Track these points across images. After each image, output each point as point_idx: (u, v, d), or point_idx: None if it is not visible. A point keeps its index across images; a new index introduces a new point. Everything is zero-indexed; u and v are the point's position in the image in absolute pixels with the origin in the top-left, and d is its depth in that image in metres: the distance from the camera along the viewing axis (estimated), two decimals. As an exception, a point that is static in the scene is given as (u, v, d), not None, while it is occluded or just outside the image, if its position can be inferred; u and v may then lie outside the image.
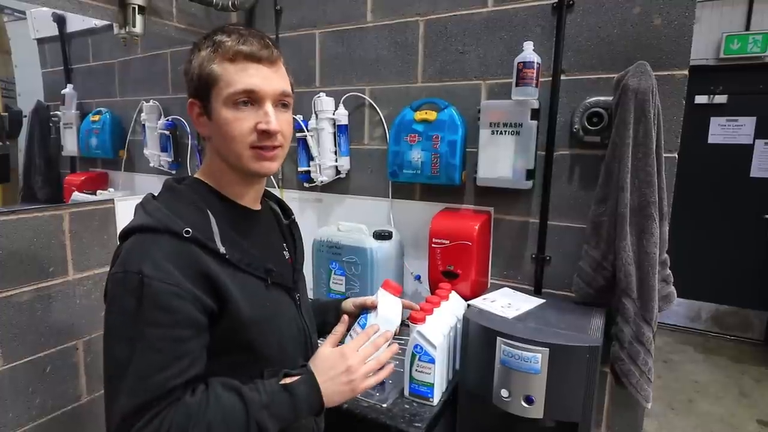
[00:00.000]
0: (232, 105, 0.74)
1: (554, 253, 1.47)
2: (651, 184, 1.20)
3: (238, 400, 0.69)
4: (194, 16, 1.76)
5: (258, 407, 0.70)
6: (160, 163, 1.79)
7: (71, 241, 1.39)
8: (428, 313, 1.24)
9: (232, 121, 0.74)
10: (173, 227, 0.70)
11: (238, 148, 0.76)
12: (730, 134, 3.75)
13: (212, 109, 0.75)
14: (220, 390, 0.70)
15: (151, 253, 0.68)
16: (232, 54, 0.73)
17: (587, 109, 1.34)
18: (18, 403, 1.30)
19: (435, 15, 1.56)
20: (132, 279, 0.66)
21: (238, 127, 0.74)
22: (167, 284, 0.66)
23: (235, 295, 0.73)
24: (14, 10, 1.34)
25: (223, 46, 0.74)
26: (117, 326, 0.67)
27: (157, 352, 0.66)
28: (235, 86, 0.73)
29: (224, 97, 0.74)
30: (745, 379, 3.30)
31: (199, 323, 0.69)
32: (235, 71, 0.74)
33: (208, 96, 0.75)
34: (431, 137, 1.52)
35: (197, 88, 0.76)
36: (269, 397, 0.72)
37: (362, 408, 1.19)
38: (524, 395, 1.14)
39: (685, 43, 1.24)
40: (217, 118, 0.75)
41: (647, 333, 1.23)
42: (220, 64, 0.74)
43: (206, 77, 0.74)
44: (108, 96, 1.64)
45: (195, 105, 0.78)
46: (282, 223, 0.97)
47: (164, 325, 0.66)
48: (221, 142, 0.77)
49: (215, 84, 0.74)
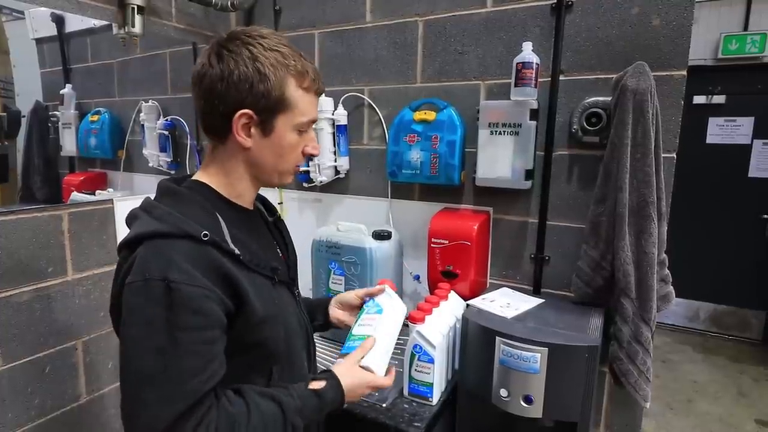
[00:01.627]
0: (298, 131, 0.80)
1: (553, 253, 1.48)
2: (649, 184, 1.20)
3: (275, 406, 0.73)
4: (193, 16, 1.76)
5: (293, 411, 0.75)
6: (159, 163, 1.79)
7: (70, 242, 1.39)
8: (427, 313, 1.24)
9: (295, 146, 0.81)
10: (191, 231, 0.69)
11: (287, 167, 0.83)
12: (728, 134, 3.75)
13: (274, 129, 0.78)
14: (258, 398, 0.73)
15: (173, 258, 0.67)
16: (307, 85, 0.79)
17: (586, 109, 1.34)
18: (17, 403, 1.30)
19: (434, 15, 1.57)
20: (155, 287, 0.65)
21: (297, 150, 0.82)
22: (196, 287, 0.66)
23: (251, 295, 0.73)
24: (13, 10, 1.33)
25: (302, 76, 0.78)
26: (141, 337, 0.66)
27: (192, 356, 0.66)
28: (308, 117, 0.80)
29: (295, 123, 0.79)
30: (743, 379, 3.31)
31: (224, 324, 0.71)
32: (309, 102, 0.80)
33: (274, 116, 0.77)
34: (430, 137, 1.52)
35: (266, 104, 0.75)
36: (302, 402, 0.77)
37: (362, 407, 1.19)
38: (523, 395, 1.14)
39: (684, 44, 1.24)
40: (280, 138, 0.79)
41: (646, 333, 1.23)
42: (296, 91, 0.78)
43: (283, 101, 0.76)
44: (107, 96, 1.64)
45: (247, 116, 0.75)
46: (268, 222, 0.97)
47: (198, 328, 0.66)
48: (272, 158, 0.80)
49: (288, 108, 0.77)
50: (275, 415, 0.72)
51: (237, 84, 0.73)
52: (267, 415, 0.71)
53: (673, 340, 3.88)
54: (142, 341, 0.66)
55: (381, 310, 0.98)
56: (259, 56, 0.74)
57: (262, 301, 0.75)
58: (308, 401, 0.77)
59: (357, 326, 0.98)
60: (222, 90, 0.74)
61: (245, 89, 0.73)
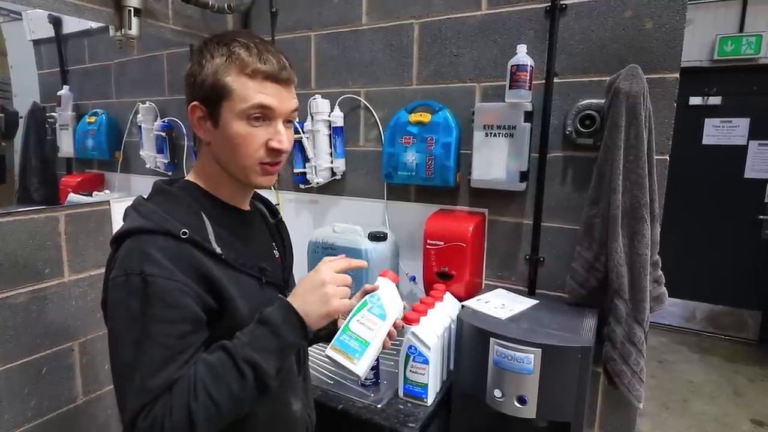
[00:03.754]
0: (246, 119, 0.75)
1: (548, 254, 1.49)
2: (642, 186, 1.21)
3: (220, 353, 0.70)
4: (190, 18, 1.76)
5: (240, 347, 0.69)
6: (156, 164, 1.79)
7: (67, 243, 1.40)
8: (422, 314, 1.25)
9: (245, 135, 0.76)
10: (170, 228, 0.71)
11: (247, 162, 0.78)
12: (724, 135, 3.77)
13: (221, 118, 0.76)
14: (204, 355, 0.70)
15: (151, 253, 0.68)
16: (250, 70, 0.74)
17: (580, 111, 1.35)
18: (14, 404, 1.30)
19: (429, 18, 1.57)
20: (134, 280, 0.67)
21: (250, 142, 0.76)
22: (172, 281, 0.68)
23: (233, 294, 0.74)
24: (10, 11, 1.34)
25: (242, 60, 0.74)
26: (122, 330, 0.68)
27: (163, 347, 0.66)
28: (251, 101, 0.75)
29: (238, 111, 0.75)
30: (739, 379, 3.32)
31: (200, 319, 0.71)
32: (252, 87, 0.75)
33: (218, 105, 0.76)
34: (426, 139, 1.53)
35: (206, 94, 0.76)
36: (248, 335, 0.71)
37: (357, 408, 1.20)
38: (517, 395, 1.15)
39: (676, 46, 1.25)
40: (227, 128, 0.76)
41: (639, 333, 1.24)
42: (237, 78, 0.74)
43: (220, 87, 0.75)
44: (104, 97, 1.65)
45: (198, 109, 0.77)
46: (269, 223, 0.98)
47: (170, 321, 0.67)
48: (227, 151, 0.78)
49: (228, 96, 0.75)
50: (221, 359, 0.68)
51: (186, 79, 0.78)
52: (214, 364, 0.68)
53: (669, 341, 3.89)
54: (122, 333, 0.68)
55: (384, 315, 0.96)
56: (205, 51, 0.77)
57: (246, 301, 0.76)
58: (255, 331, 0.72)
59: (356, 322, 0.95)
60: (184, 87, 0.79)
61: (191, 83, 0.77)
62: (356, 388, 1.27)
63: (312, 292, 0.77)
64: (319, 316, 0.76)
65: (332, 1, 1.74)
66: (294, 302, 0.76)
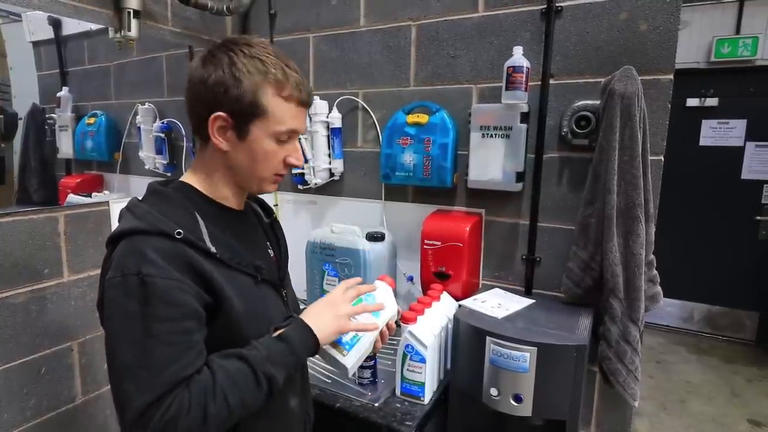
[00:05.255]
0: (276, 140, 0.80)
1: (544, 254, 1.50)
2: (637, 186, 1.22)
3: (240, 362, 0.73)
4: (189, 19, 1.77)
5: (260, 361, 0.73)
6: (156, 165, 1.80)
7: (66, 243, 1.40)
8: (419, 313, 1.26)
9: (272, 153, 0.81)
10: (165, 229, 0.72)
11: (265, 174, 0.83)
12: (721, 136, 3.78)
13: (250, 133, 0.79)
14: (221, 360, 0.73)
15: (147, 253, 0.69)
16: (287, 94, 0.79)
17: (575, 112, 1.37)
18: (13, 404, 1.31)
19: (427, 20, 1.59)
20: (132, 281, 0.68)
21: (273, 158, 0.82)
22: (170, 280, 0.69)
23: (228, 292, 0.75)
24: (10, 13, 1.35)
25: (279, 81, 0.78)
26: (120, 330, 0.68)
27: (168, 345, 0.67)
28: (285, 126, 0.80)
29: (271, 131, 0.79)
30: (736, 379, 3.33)
31: (201, 315, 0.72)
32: (287, 112, 0.80)
33: (249, 121, 0.78)
34: (423, 140, 1.54)
35: (240, 109, 0.77)
36: (267, 350, 0.75)
37: (354, 407, 1.20)
38: (513, 394, 1.16)
39: (671, 48, 1.27)
40: (256, 144, 0.79)
41: (634, 332, 1.25)
42: (273, 99, 0.78)
43: (257, 107, 0.77)
44: (103, 99, 1.65)
45: (222, 119, 0.78)
46: (264, 222, 0.99)
47: (173, 319, 0.68)
48: (248, 163, 0.81)
49: (263, 115, 0.78)
50: (241, 370, 0.72)
51: (213, 87, 0.77)
52: (233, 372, 0.71)
53: (666, 341, 3.90)
54: (121, 333, 0.68)
55: (377, 314, 0.97)
56: (238, 62, 0.77)
57: (242, 298, 0.77)
58: (274, 347, 0.76)
59: None
60: (201, 93, 0.78)
61: (220, 92, 0.76)
62: (353, 387, 1.28)
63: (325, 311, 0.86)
64: (332, 333, 0.85)
65: (330, 3, 1.76)
66: (309, 321, 0.82)
